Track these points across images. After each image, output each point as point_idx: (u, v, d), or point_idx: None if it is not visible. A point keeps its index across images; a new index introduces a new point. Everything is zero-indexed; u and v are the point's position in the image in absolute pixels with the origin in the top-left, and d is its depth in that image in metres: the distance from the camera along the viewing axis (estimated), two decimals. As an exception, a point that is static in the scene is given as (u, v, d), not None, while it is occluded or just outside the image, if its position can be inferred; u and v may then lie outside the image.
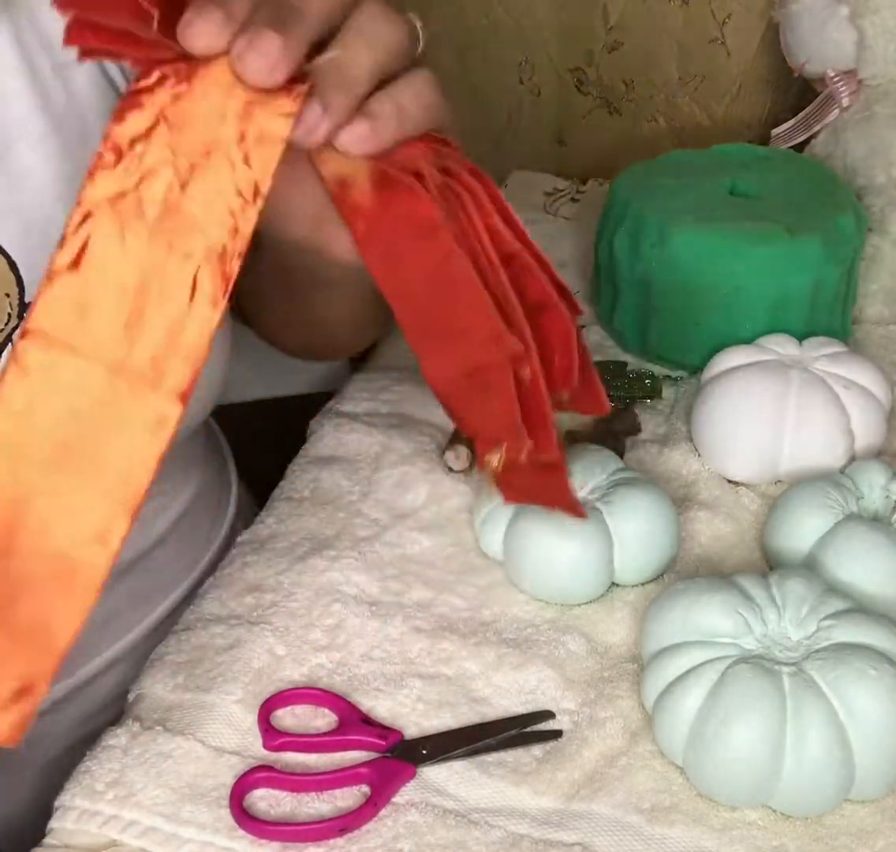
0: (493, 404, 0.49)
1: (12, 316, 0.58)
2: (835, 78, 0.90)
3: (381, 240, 0.46)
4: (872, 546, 0.58)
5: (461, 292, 0.46)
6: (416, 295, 0.47)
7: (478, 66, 1.14)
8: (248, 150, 0.41)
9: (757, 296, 0.75)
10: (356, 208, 0.46)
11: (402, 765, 0.53)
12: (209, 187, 0.41)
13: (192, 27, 0.41)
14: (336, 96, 0.42)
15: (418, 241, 0.45)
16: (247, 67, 0.41)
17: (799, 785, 0.50)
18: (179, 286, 0.41)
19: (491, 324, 0.46)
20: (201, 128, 0.41)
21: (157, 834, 0.50)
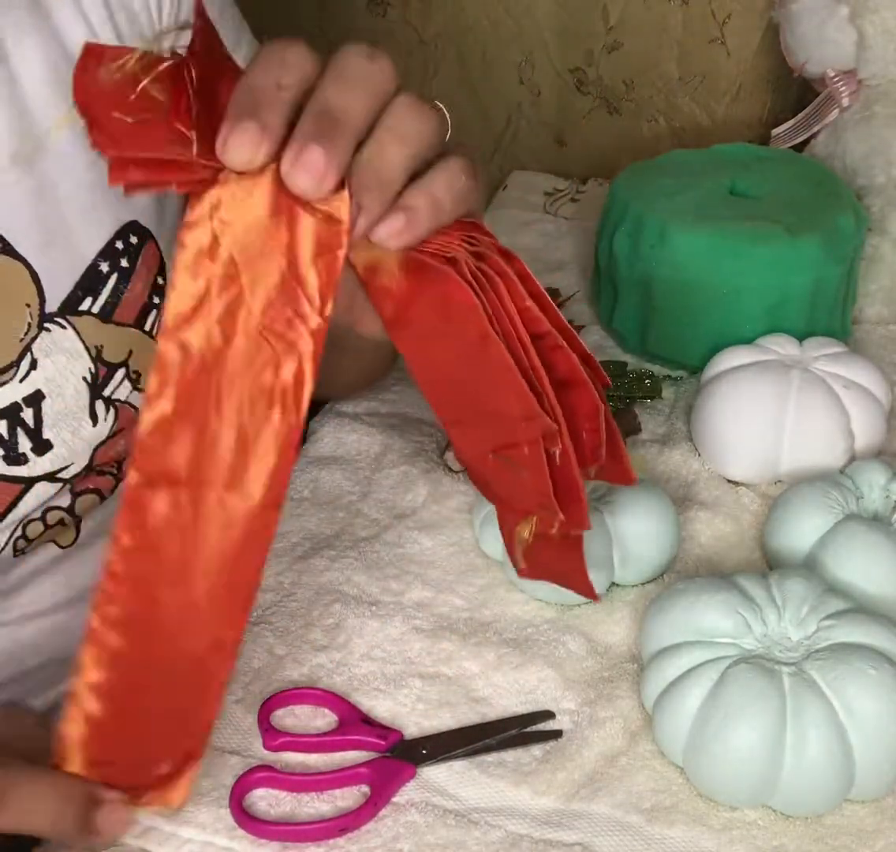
0: (523, 479, 0.50)
1: (32, 326, 0.59)
2: (835, 78, 0.90)
3: (411, 323, 0.48)
4: (872, 546, 0.58)
5: (496, 374, 0.47)
6: (447, 375, 0.49)
7: (478, 66, 1.14)
8: (312, 265, 0.43)
9: (757, 296, 0.75)
10: (385, 292, 0.47)
11: (402, 765, 0.53)
12: (281, 305, 0.43)
13: (228, 144, 0.41)
14: (371, 195, 0.43)
15: (453, 324, 0.47)
16: (296, 183, 0.41)
17: (799, 785, 0.50)
18: (263, 402, 0.44)
19: (525, 405, 0.47)
20: (263, 250, 0.43)
21: (157, 833, 0.50)
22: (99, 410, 0.62)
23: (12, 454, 0.59)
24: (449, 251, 0.46)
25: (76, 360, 0.60)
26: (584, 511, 0.50)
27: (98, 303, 0.61)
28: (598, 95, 1.11)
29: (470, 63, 1.14)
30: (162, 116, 0.42)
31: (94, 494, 0.65)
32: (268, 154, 0.42)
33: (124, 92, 0.42)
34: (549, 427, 0.48)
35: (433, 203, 0.45)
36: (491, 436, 0.50)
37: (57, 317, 0.60)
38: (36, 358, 0.59)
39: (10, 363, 0.58)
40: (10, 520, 0.60)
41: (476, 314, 0.46)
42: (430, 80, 1.16)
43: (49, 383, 0.59)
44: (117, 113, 0.41)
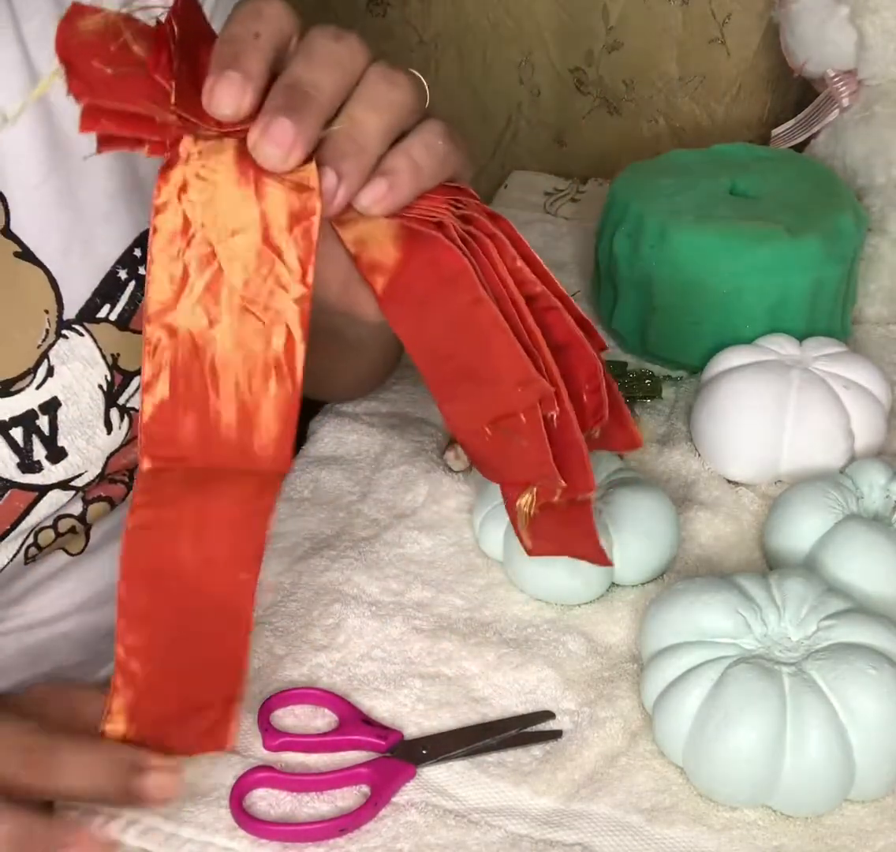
0: (521, 448, 0.50)
1: (50, 332, 0.59)
2: (835, 78, 0.90)
3: (404, 293, 0.47)
4: (872, 546, 0.58)
5: (490, 338, 0.47)
6: (440, 344, 0.49)
7: (478, 66, 1.14)
8: (288, 234, 0.43)
9: (757, 296, 0.75)
10: (376, 265, 0.47)
11: (402, 765, 0.53)
12: (262, 277, 0.43)
13: (214, 94, 0.42)
14: (349, 163, 0.43)
15: (444, 289, 0.46)
16: (264, 155, 0.42)
17: (799, 785, 0.50)
18: (259, 374, 0.44)
19: (521, 368, 0.47)
20: (236, 225, 0.43)
21: (157, 834, 0.50)
22: (114, 418, 0.62)
23: (27, 462, 0.59)
24: (435, 215, 0.46)
25: (93, 368, 0.60)
26: (589, 474, 0.50)
27: (116, 310, 0.61)
28: (598, 95, 1.11)
29: (470, 63, 1.14)
30: (142, 71, 0.42)
31: (106, 502, 0.65)
32: (252, 102, 0.42)
33: (106, 43, 0.42)
34: (546, 390, 0.47)
35: (413, 166, 0.45)
36: (486, 408, 0.49)
37: (74, 324, 0.60)
38: (53, 365, 0.59)
39: (27, 370, 0.58)
40: (23, 527, 0.60)
41: (467, 277, 0.45)
42: (431, 80, 1.16)
43: (65, 391, 0.59)
44: (97, 62, 0.42)
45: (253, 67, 0.42)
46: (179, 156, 0.42)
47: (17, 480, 0.59)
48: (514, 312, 0.47)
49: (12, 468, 0.58)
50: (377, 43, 1.20)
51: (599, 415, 0.50)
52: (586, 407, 0.50)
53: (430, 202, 0.46)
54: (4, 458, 0.58)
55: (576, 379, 0.49)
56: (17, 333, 0.58)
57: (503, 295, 0.47)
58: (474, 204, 0.48)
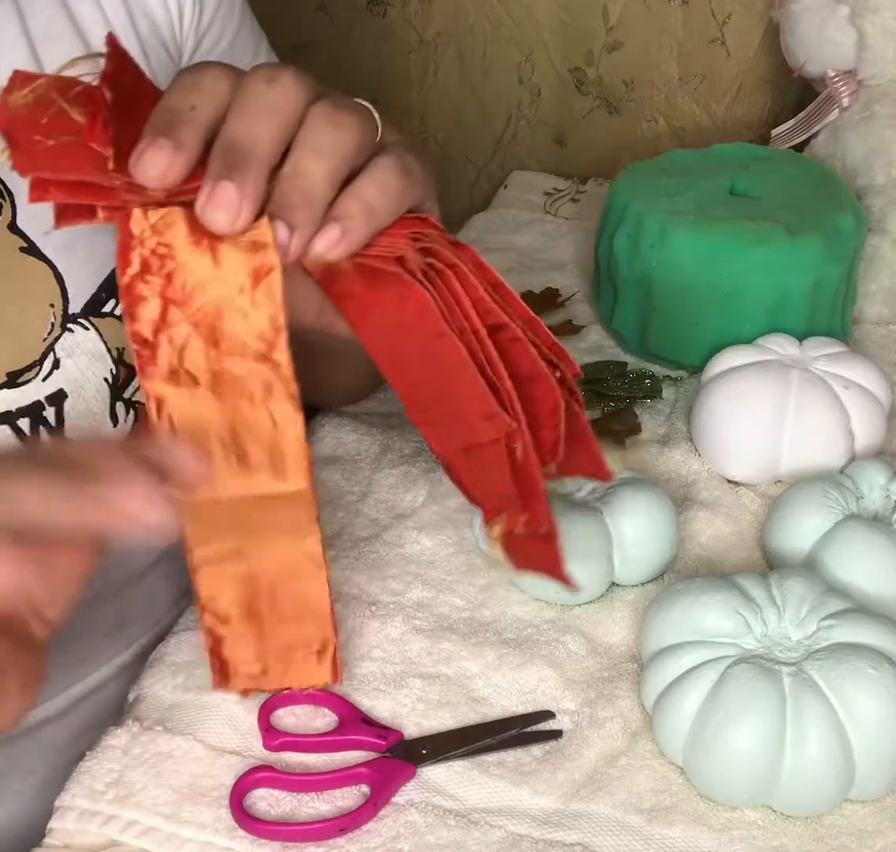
0: (490, 478, 0.51)
1: (55, 326, 0.59)
2: (835, 78, 0.90)
3: (374, 322, 0.48)
4: (872, 546, 0.58)
5: (453, 373, 0.48)
6: (413, 375, 0.49)
7: (478, 66, 1.14)
8: (252, 293, 0.44)
9: (757, 296, 0.75)
10: (345, 296, 0.48)
11: (402, 765, 0.53)
12: (236, 340, 0.44)
13: (142, 158, 0.42)
14: (299, 213, 0.43)
15: (411, 324, 0.47)
16: (213, 222, 0.42)
17: (799, 785, 0.50)
18: (261, 418, 0.46)
19: (484, 404, 0.48)
20: (203, 294, 0.44)
21: (157, 834, 0.50)
22: (119, 412, 0.62)
23: None
24: (395, 250, 0.46)
25: (98, 361, 0.61)
26: (545, 508, 0.50)
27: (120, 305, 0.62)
28: (598, 95, 1.11)
29: (470, 63, 1.14)
30: (78, 138, 0.43)
31: None
32: (181, 170, 0.42)
33: (42, 114, 0.43)
34: (507, 425, 0.48)
35: (365, 207, 0.45)
36: (458, 436, 0.50)
37: (80, 318, 0.60)
38: (59, 357, 0.60)
39: (33, 362, 0.59)
40: None
41: (430, 312, 0.46)
42: (430, 80, 1.16)
43: (71, 383, 0.60)
44: (37, 136, 0.42)
45: (184, 137, 0.42)
46: (133, 235, 0.43)
47: None
48: (477, 345, 0.48)
49: None
50: (377, 43, 1.21)
51: (555, 451, 0.51)
52: (545, 442, 0.50)
53: (390, 238, 0.46)
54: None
55: (538, 412, 0.50)
56: (23, 326, 0.58)
57: (465, 327, 0.47)
58: (436, 235, 0.48)
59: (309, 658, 0.52)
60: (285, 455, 0.46)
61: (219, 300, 0.44)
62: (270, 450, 0.46)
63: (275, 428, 0.46)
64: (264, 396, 0.45)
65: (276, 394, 0.45)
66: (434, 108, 1.17)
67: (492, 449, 0.49)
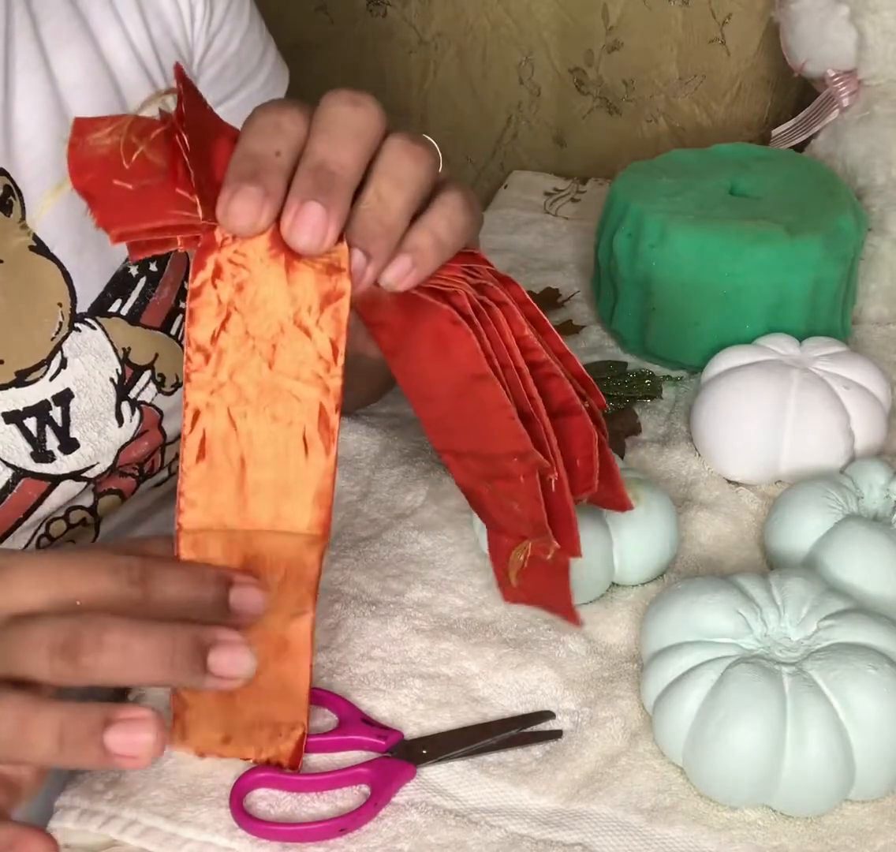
0: (518, 507, 0.51)
1: (63, 325, 0.60)
2: (835, 78, 0.90)
3: (410, 355, 0.49)
4: (872, 546, 0.58)
5: (490, 412, 0.48)
6: (442, 407, 0.50)
7: (478, 66, 1.14)
8: (318, 315, 0.44)
9: (757, 296, 0.75)
10: (382, 325, 0.48)
11: (402, 765, 0.53)
12: (293, 359, 0.44)
13: (230, 209, 0.42)
14: (378, 243, 0.44)
15: (449, 360, 0.47)
16: (298, 242, 0.42)
17: (799, 785, 0.50)
18: (293, 447, 0.45)
19: (518, 443, 0.48)
20: (269, 308, 0.44)
21: (157, 834, 0.50)
22: (125, 411, 0.63)
23: (40, 451, 0.60)
24: (451, 285, 0.46)
25: (104, 361, 0.61)
26: (576, 539, 0.51)
27: (127, 305, 0.62)
28: (598, 95, 1.11)
29: (470, 63, 1.14)
30: (161, 180, 0.42)
31: (116, 495, 0.66)
32: (270, 218, 0.42)
33: (120, 159, 0.42)
34: (542, 463, 0.49)
35: (436, 242, 0.45)
36: (484, 467, 0.51)
37: (87, 317, 0.61)
38: (66, 357, 0.60)
39: (41, 361, 0.59)
40: (36, 517, 0.61)
41: (474, 354, 0.47)
42: (430, 80, 1.16)
43: (78, 383, 0.61)
44: (117, 180, 0.42)
45: (272, 185, 0.42)
46: (214, 241, 0.43)
47: (31, 469, 0.59)
48: (519, 380, 0.48)
49: (26, 457, 0.59)
50: (377, 43, 1.21)
51: (589, 483, 0.51)
52: (579, 474, 0.51)
53: (448, 271, 0.47)
54: (18, 447, 0.59)
55: (571, 445, 0.51)
56: (31, 325, 0.59)
57: (509, 363, 0.48)
58: (486, 270, 0.48)
59: (275, 738, 0.51)
60: (303, 494, 0.46)
61: (285, 317, 0.44)
62: (287, 487, 0.45)
63: (305, 460, 0.45)
64: (307, 420, 0.45)
65: (318, 420, 0.45)
66: (434, 108, 1.17)
67: (525, 479, 0.50)
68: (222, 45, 0.68)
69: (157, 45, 0.63)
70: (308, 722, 0.51)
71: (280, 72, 0.74)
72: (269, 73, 0.73)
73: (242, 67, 0.70)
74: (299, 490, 0.46)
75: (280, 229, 0.43)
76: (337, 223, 0.42)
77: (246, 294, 0.44)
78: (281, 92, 0.74)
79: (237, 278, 0.43)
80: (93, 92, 0.60)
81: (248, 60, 0.70)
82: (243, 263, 0.43)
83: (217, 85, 0.69)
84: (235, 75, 0.70)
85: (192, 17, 0.65)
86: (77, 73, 0.60)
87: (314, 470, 0.45)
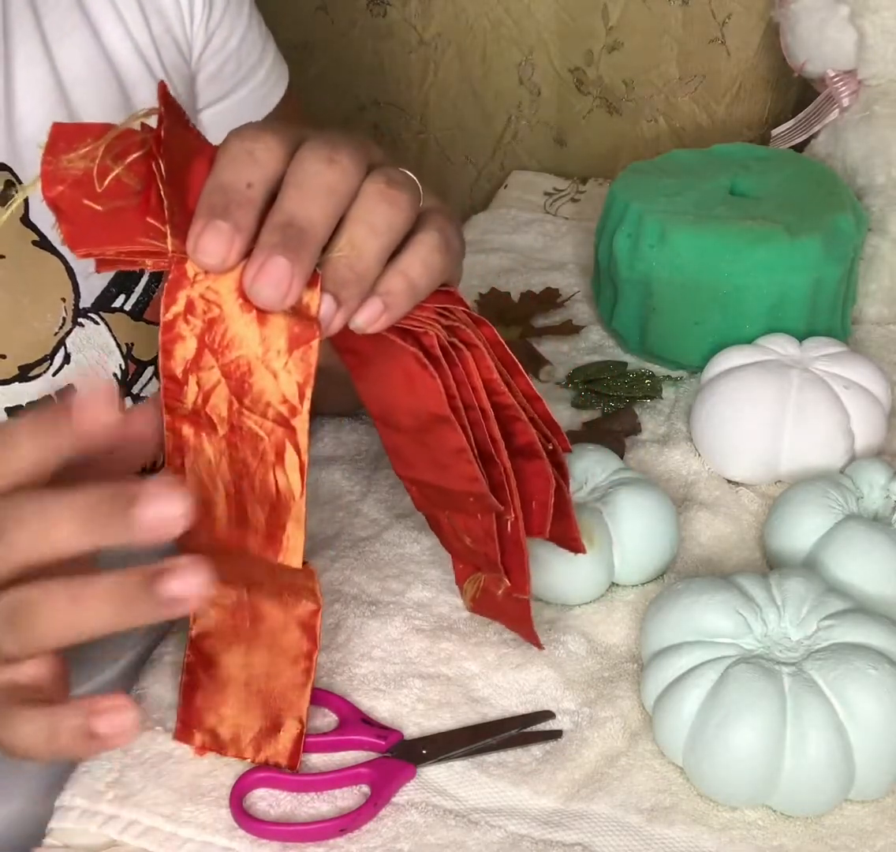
0: (471, 542, 0.53)
1: (67, 320, 0.60)
2: (835, 78, 0.90)
3: (376, 384, 0.49)
4: (872, 546, 0.58)
5: (449, 454, 0.48)
6: (402, 437, 0.50)
7: (478, 66, 1.14)
8: (287, 357, 0.43)
9: (757, 296, 0.75)
10: (352, 352, 0.48)
11: (402, 765, 0.53)
12: (261, 399, 0.44)
13: (199, 245, 0.41)
14: (348, 290, 0.43)
15: (413, 398, 0.47)
16: (258, 293, 0.42)
17: (799, 785, 0.50)
18: (267, 481, 0.45)
19: (474, 485, 0.49)
20: (239, 347, 0.43)
21: (157, 834, 0.50)
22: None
23: None
24: (422, 326, 0.46)
25: (108, 356, 0.62)
26: (526, 579, 0.52)
27: (130, 301, 0.62)
28: (598, 95, 1.11)
29: (470, 63, 1.14)
30: (134, 203, 0.42)
31: None
32: (240, 254, 0.42)
33: (93, 181, 0.41)
34: (496, 507, 0.50)
35: (409, 286, 0.45)
36: (443, 499, 0.52)
37: (91, 312, 0.61)
38: (69, 352, 0.60)
39: (44, 356, 0.59)
40: None
41: (437, 396, 0.47)
42: (430, 79, 1.16)
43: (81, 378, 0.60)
44: (87, 200, 0.41)
45: (242, 220, 0.42)
46: (186, 275, 0.43)
47: None
48: (482, 422, 0.48)
49: None
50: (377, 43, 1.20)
51: (543, 527, 0.52)
52: (534, 515, 0.52)
53: (422, 311, 0.47)
54: None
55: (528, 488, 0.51)
56: (35, 319, 0.59)
57: (473, 404, 0.48)
58: (461, 311, 0.48)
59: (274, 738, 0.51)
60: (282, 527, 0.46)
61: (254, 357, 0.43)
62: (267, 517, 0.46)
63: (277, 496, 0.45)
64: (274, 460, 0.45)
65: (286, 461, 0.44)
66: (434, 108, 1.17)
67: (480, 519, 0.51)
68: (221, 43, 0.68)
69: (157, 42, 0.64)
70: (307, 721, 0.51)
71: (280, 69, 0.74)
72: (268, 70, 0.73)
73: (242, 65, 0.70)
74: (271, 528, 0.46)
75: (243, 280, 0.42)
76: (301, 279, 0.42)
77: (216, 331, 0.43)
78: (281, 89, 0.74)
79: (208, 314, 0.43)
80: (95, 86, 0.60)
81: (247, 58, 0.70)
82: (215, 300, 0.43)
83: (216, 82, 0.69)
84: (234, 72, 0.70)
85: (192, 14, 0.66)
86: (79, 67, 0.60)
87: (285, 510, 0.46)
